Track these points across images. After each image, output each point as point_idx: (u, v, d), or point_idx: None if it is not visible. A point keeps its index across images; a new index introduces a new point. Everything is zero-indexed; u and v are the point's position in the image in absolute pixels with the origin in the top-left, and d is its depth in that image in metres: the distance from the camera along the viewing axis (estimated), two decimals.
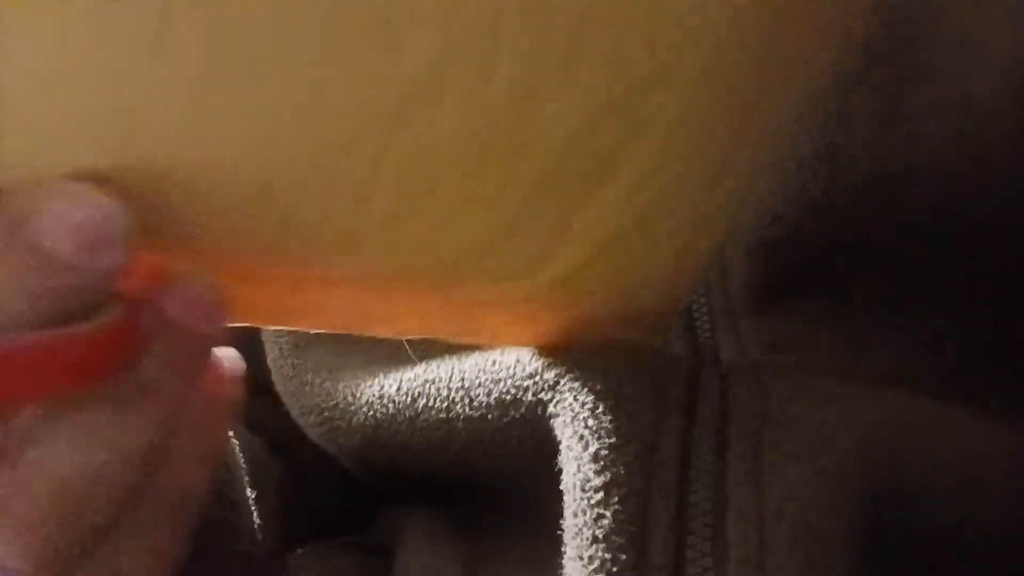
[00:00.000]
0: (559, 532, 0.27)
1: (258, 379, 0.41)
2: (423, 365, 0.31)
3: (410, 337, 0.27)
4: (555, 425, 0.27)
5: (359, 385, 0.33)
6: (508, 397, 0.28)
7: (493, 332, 0.28)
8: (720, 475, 0.25)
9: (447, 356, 0.31)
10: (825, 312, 0.31)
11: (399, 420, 0.31)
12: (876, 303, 0.30)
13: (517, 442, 0.28)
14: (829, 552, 0.24)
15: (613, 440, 0.25)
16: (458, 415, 0.29)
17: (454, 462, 0.31)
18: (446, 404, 0.30)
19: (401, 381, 0.31)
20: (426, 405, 0.30)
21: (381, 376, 0.32)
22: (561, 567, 0.26)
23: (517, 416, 0.28)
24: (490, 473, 0.31)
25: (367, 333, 0.27)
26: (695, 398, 0.27)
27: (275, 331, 0.37)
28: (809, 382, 0.27)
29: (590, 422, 0.26)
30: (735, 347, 0.30)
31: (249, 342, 0.41)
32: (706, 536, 0.25)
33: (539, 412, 0.27)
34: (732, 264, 0.31)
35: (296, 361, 0.36)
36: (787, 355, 0.30)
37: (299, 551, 0.40)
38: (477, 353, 0.30)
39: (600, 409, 0.26)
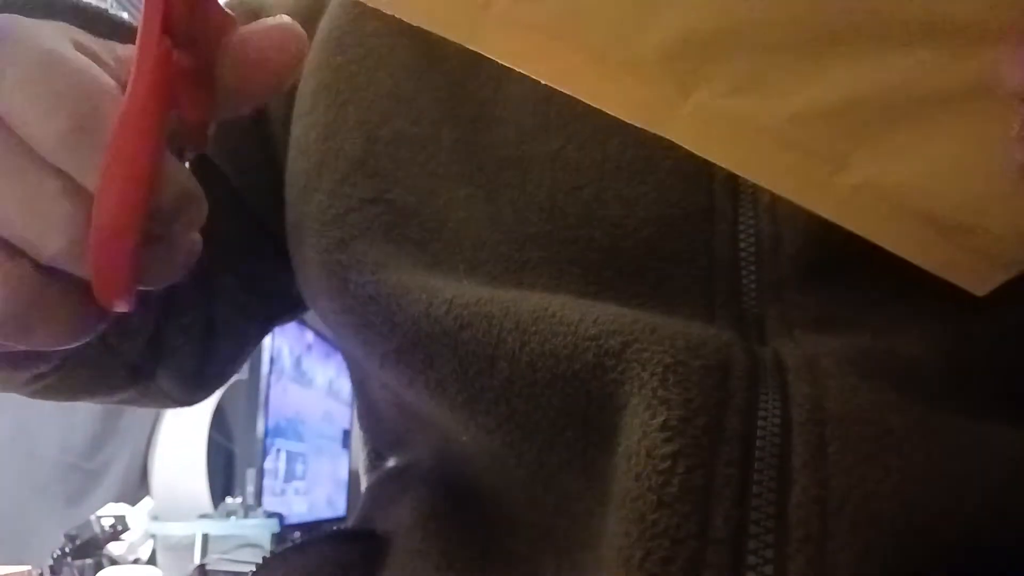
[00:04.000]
0: (578, 508, 0.28)
1: None
2: (475, 290, 0.31)
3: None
4: (616, 392, 0.27)
5: (405, 295, 0.32)
6: (565, 352, 0.28)
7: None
8: (785, 457, 0.26)
9: (500, 289, 0.31)
10: (872, 293, 0.30)
11: (443, 342, 0.31)
12: (918, 290, 0.29)
13: (560, 395, 0.29)
14: (889, 539, 0.24)
15: (682, 412, 0.26)
16: (505, 353, 0.29)
17: (484, 403, 0.30)
18: (495, 342, 0.29)
19: (451, 304, 0.31)
20: (473, 336, 0.30)
21: (429, 288, 0.32)
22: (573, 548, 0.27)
23: (569, 372, 0.28)
24: (515, 425, 0.30)
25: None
26: (756, 379, 0.27)
27: (320, 226, 0.36)
28: (862, 381, 0.27)
29: (660, 392, 0.26)
30: (780, 320, 0.30)
31: None
32: (770, 514, 0.25)
33: (596, 374, 0.28)
34: (785, 236, 0.31)
35: (340, 257, 0.34)
36: (831, 336, 0.29)
37: (293, 541, 0.39)
38: (537, 297, 0.30)
39: (670, 381, 0.26)
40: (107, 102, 0.21)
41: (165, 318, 0.39)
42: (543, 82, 0.24)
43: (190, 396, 0.45)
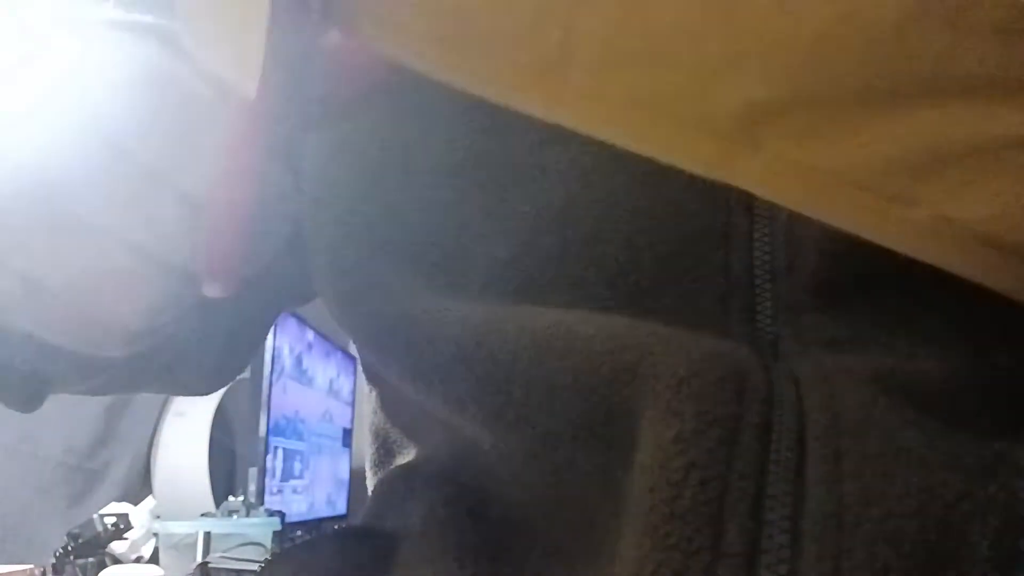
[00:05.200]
0: (595, 522, 0.28)
1: None
2: (489, 308, 0.31)
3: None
4: (633, 406, 0.27)
5: (419, 314, 0.32)
6: (581, 367, 0.28)
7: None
8: (799, 472, 0.26)
9: (514, 305, 0.31)
10: (889, 314, 0.30)
11: (459, 362, 0.31)
12: (937, 312, 0.30)
13: (579, 411, 0.29)
14: (907, 559, 0.24)
15: (695, 424, 0.26)
16: (521, 371, 0.29)
17: (503, 419, 0.31)
18: (511, 360, 0.29)
19: (465, 323, 0.31)
20: (489, 355, 0.30)
21: (443, 307, 0.32)
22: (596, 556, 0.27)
23: (586, 388, 0.28)
24: (535, 441, 0.30)
25: None
26: (771, 393, 0.27)
27: (331, 247, 0.36)
28: (879, 397, 0.27)
29: (673, 404, 0.26)
30: (795, 340, 0.30)
31: None
32: (784, 529, 0.25)
33: (613, 389, 0.28)
34: (801, 255, 0.30)
35: (353, 276, 0.35)
36: (847, 355, 0.29)
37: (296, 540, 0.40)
38: (552, 313, 0.30)
39: (684, 393, 0.26)
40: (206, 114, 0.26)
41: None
42: (612, 142, 0.25)
43: (207, 388, 0.46)
